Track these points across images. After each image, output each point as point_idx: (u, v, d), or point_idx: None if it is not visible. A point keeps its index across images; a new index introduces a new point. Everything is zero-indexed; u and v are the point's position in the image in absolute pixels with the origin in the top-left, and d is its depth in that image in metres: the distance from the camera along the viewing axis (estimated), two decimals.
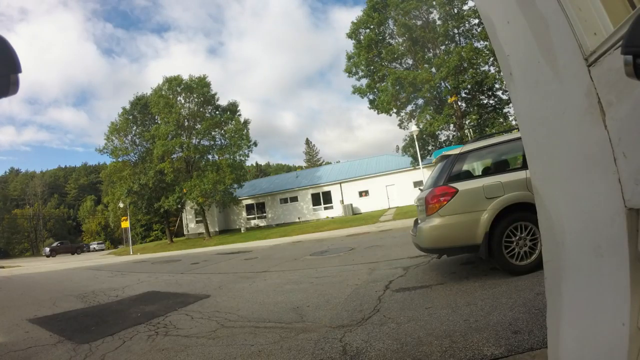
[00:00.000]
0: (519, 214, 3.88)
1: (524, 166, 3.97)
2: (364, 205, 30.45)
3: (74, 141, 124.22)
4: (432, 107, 24.05)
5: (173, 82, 30.28)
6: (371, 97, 25.28)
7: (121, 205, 30.39)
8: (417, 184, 27.73)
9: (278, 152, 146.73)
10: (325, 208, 32.49)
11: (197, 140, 30.84)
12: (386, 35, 25.17)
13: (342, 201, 31.19)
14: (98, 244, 53.51)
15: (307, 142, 76.43)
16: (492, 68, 21.96)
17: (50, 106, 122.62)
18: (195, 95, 30.64)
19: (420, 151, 21.43)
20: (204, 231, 30.95)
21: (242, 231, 31.41)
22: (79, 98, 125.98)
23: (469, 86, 22.02)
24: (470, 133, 21.00)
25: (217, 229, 34.20)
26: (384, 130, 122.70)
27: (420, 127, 23.21)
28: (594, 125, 0.93)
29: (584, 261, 1.09)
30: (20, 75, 0.89)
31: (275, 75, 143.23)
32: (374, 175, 31.33)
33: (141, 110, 32.62)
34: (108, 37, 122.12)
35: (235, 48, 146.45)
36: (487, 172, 4.55)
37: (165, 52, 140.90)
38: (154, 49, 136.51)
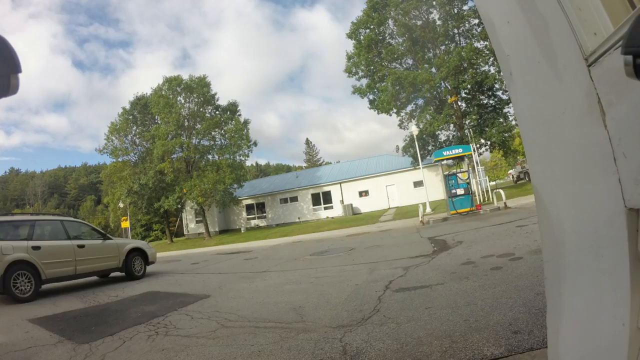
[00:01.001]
0: (21, 266, 6.61)
1: (28, 237, 7.02)
2: (364, 205, 30.45)
3: (58, 144, 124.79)
4: (432, 107, 24.03)
5: (173, 82, 30.25)
6: (371, 97, 25.28)
7: (121, 205, 30.38)
8: (417, 184, 27.74)
9: (261, 154, 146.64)
10: (325, 208, 32.48)
11: (197, 140, 30.82)
12: (386, 35, 25.15)
13: (342, 201, 31.18)
14: None
15: (307, 142, 76.45)
16: (492, 68, 21.93)
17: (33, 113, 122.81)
18: (195, 95, 30.62)
19: (420, 151, 21.41)
20: (204, 231, 30.95)
21: (242, 231, 31.40)
22: (57, 105, 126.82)
23: (469, 86, 21.99)
24: (470, 133, 20.98)
25: (217, 229, 34.19)
26: (369, 131, 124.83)
27: (420, 127, 23.20)
28: (594, 125, 0.93)
29: (584, 261, 1.09)
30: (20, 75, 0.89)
31: (249, 79, 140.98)
32: (374, 175, 31.33)
33: (141, 110, 32.60)
34: (80, 52, 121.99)
35: (202, 56, 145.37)
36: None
37: (135, 63, 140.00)
38: (122, 61, 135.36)
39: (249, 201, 35.60)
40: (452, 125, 23.91)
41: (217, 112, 31.75)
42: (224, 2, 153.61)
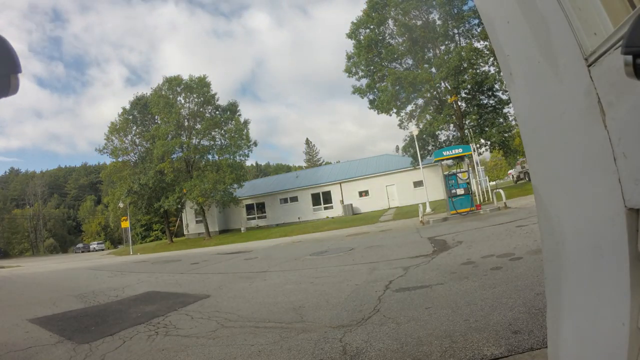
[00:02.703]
0: None
1: None
2: (364, 205, 30.45)
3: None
4: (432, 107, 24.04)
5: (173, 82, 30.26)
6: (371, 97, 25.29)
7: (121, 205, 30.39)
8: (417, 184, 27.74)
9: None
10: (325, 208, 32.48)
11: (197, 140, 30.84)
12: (386, 35, 25.16)
13: (342, 201, 31.18)
14: (98, 244, 53.57)
15: (307, 142, 76.46)
16: (492, 68, 21.95)
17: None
18: (195, 95, 30.63)
19: (420, 151, 21.41)
20: (204, 231, 30.95)
21: (242, 231, 31.40)
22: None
23: (469, 86, 22.00)
24: (470, 133, 20.98)
25: (217, 229, 34.20)
26: (350, 133, 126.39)
27: (420, 127, 23.20)
28: (594, 125, 0.93)
29: (584, 261, 1.09)
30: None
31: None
32: (374, 175, 31.33)
33: (141, 110, 32.62)
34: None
35: (156, 73, 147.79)
36: None
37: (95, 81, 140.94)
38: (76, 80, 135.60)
39: (249, 201, 35.60)
40: (452, 125, 23.91)
41: (217, 112, 31.76)
42: (162, 17, 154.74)
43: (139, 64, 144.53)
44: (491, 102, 23.24)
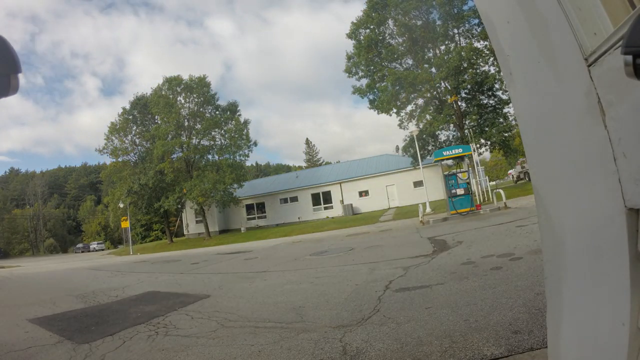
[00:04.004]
0: None
1: None
2: (364, 205, 30.45)
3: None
4: (432, 107, 24.04)
5: (173, 82, 30.25)
6: (371, 97, 25.29)
7: (121, 205, 30.39)
8: (417, 184, 27.74)
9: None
10: (325, 208, 32.48)
11: (197, 140, 30.84)
12: (386, 35, 25.16)
13: (342, 201, 31.17)
14: (98, 244, 53.59)
15: (307, 142, 76.47)
16: (492, 68, 21.94)
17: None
18: (195, 95, 30.63)
19: (420, 151, 21.40)
20: (204, 231, 30.95)
21: (242, 231, 31.39)
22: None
23: (469, 86, 22.00)
24: (470, 133, 20.98)
25: (217, 229, 34.18)
26: (335, 134, 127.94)
27: (420, 127, 23.20)
28: (594, 125, 0.93)
29: (584, 261, 1.09)
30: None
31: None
32: (374, 175, 31.33)
33: (141, 110, 32.62)
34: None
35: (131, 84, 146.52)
36: None
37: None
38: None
39: (249, 201, 35.58)
40: (452, 125, 23.91)
41: (217, 112, 31.76)
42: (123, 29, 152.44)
43: (110, 73, 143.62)
44: (491, 102, 23.24)
